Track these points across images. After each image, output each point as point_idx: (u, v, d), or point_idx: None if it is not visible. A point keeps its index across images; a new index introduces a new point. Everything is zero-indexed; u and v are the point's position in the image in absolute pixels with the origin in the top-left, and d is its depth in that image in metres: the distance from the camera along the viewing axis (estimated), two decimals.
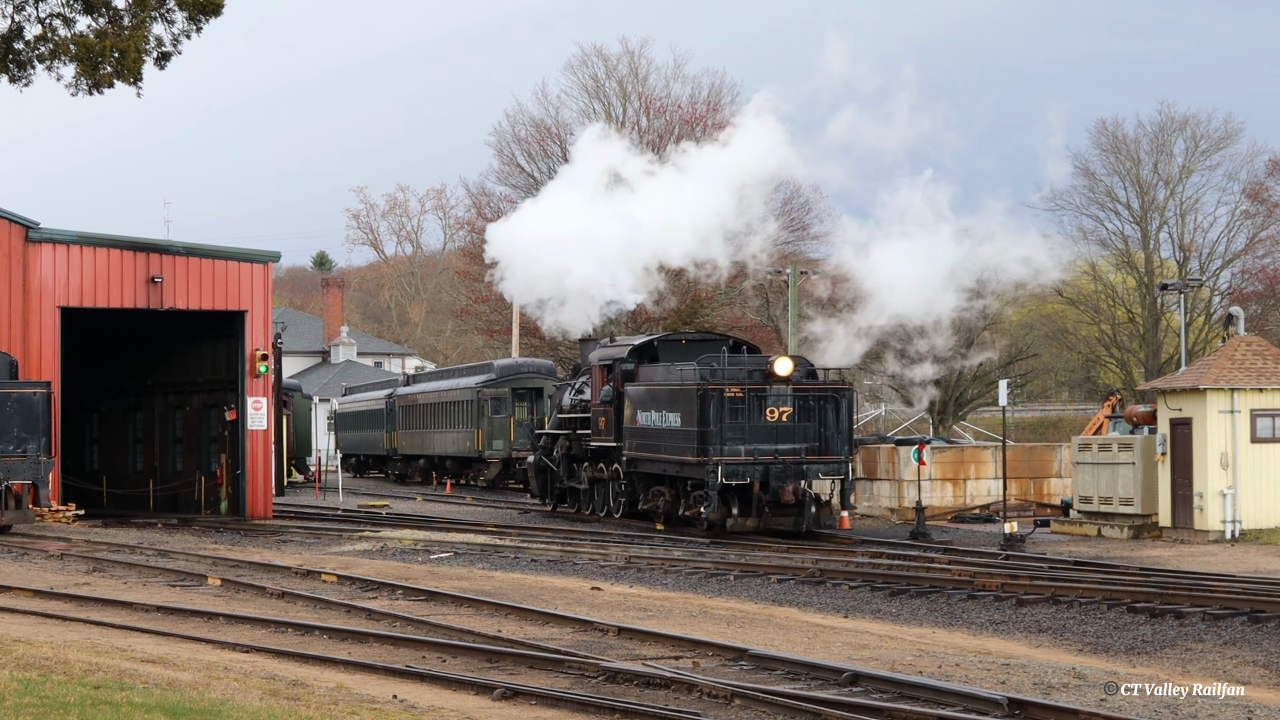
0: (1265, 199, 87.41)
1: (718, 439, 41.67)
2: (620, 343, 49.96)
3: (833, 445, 42.29)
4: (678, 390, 43.43)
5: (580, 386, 51.84)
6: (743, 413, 41.98)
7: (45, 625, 24.23)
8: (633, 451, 46.42)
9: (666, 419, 43.92)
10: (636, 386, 46.34)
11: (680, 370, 43.84)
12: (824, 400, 42.50)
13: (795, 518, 42.02)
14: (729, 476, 41.46)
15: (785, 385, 42.16)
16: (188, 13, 42.63)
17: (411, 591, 28.17)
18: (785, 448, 41.95)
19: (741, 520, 42.21)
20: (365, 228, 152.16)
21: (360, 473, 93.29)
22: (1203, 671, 21.77)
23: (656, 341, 48.31)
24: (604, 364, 48.57)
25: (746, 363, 43.44)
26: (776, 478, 41.44)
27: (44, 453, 43.61)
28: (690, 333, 50.74)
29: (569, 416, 52.08)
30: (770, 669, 19.62)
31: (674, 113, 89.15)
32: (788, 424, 42.17)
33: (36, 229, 50.34)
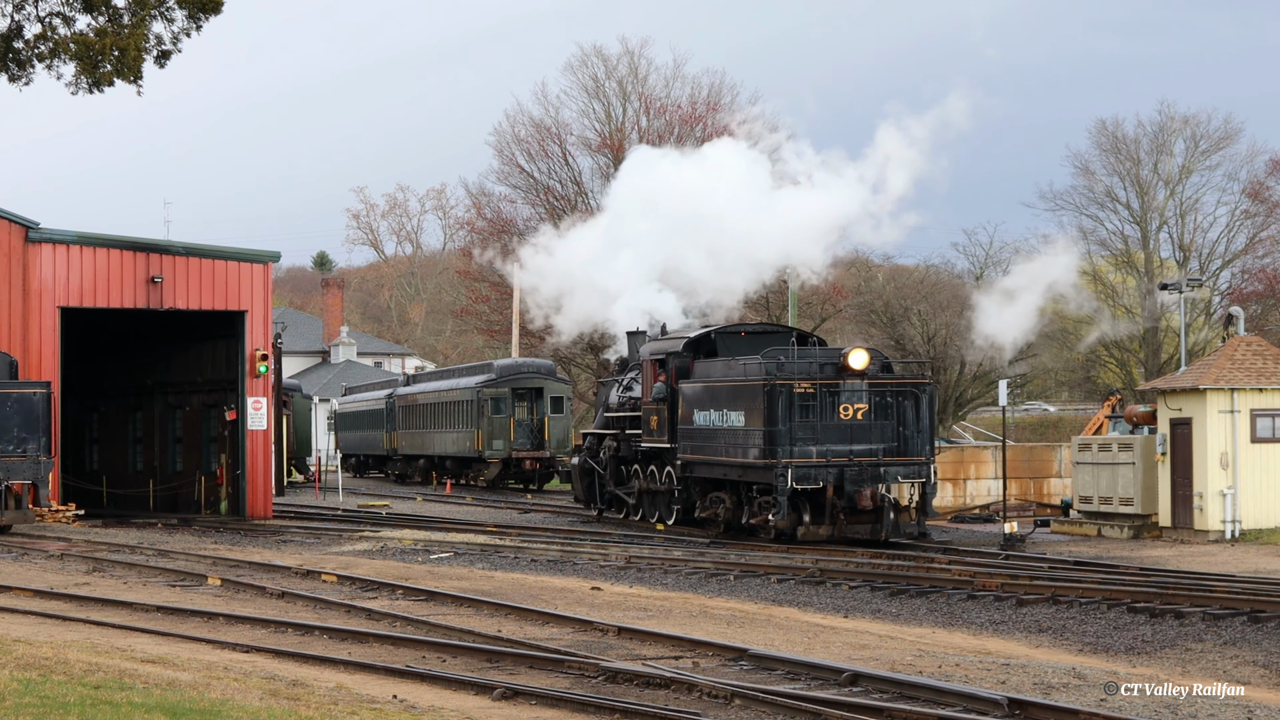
0: (1265, 199, 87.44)
1: (787, 439, 38.55)
2: (673, 335, 46.56)
3: (912, 445, 39.20)
4: (741, 386, 40.18)
5: (629, 383, 48.52)
6: (814, 410, 38.80)
7: (45, 625, 24.23)
8: (689, 454, 43.02)
9: (728, 418, 40.67)
10: (693, 383, 42.92)
11: (743, 364, 40.64)
12: (902, 396, 39.36)
13: (873, 525, 38.83)
14: (800, 480, 38.32)
15: (860, 380, 39.09)
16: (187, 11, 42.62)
17: (411, 591, 28.16)
18: (861, 448, 38.85)
19: (814, 528, 38.81)
20: (365, 228, 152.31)
21: (360, 473, 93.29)
22: (1203, 671, 21.77)
23: (714, 333, 44.53)
24: (656, 358, 44.88)
25: (817, 355, 40.04)
26: (852, 481, 38.42)
27: (44, 453, 43.61)
28: (751, 324, 46.58)
29: (617, 415, 48.69)
30: (770, 669, 19.61)
31: (674, 113, 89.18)
32: (863, 422, 39.01)
33: (36, 229, 50.34)
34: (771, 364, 39.25)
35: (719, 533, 41.68)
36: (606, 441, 49.41)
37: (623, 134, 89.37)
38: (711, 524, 42.47)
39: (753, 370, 39.81)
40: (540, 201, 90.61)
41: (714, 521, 42.27)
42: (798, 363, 39.43)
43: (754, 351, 41.32)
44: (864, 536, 38.85)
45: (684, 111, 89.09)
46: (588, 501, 50.92)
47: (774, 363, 39.28)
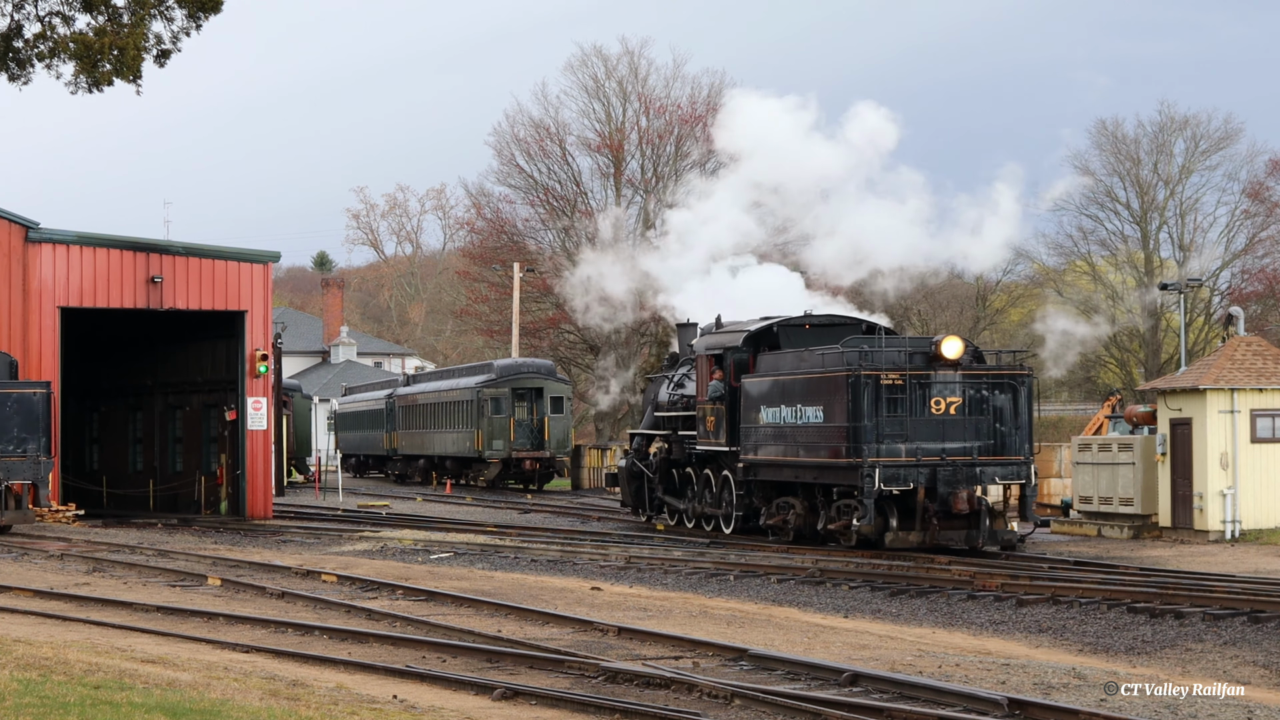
0: (1265, 199, 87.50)
1: (873, 436, 35.25)
2: (730, 328, 42.80)
3: (1010, 443, 36.02)
4: (819, 379, 36.77)
5: (680, 379, 45.33)
6: (902, 404, 35.52)
7: (45, 625, 24.23)
8: (753, 454, 39.70)
9: (803, 414, 37.26)
10: (758, 378, 39.65)
11: (821, 355, 37.27)
12: (999, 389, 36.11)
13: (968, 531, 35.85)
14: (888, 482, 35.05)
15: (953, 370, 35.83)
16: (187, 10, 42.60)
17: (411, 591, 28.17)
18: (954, 446, 35.61)
19: (903, 534, 35.53)
20: (365, 228, 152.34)
21: (360, 473, 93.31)
22: (1203, 671, 21.77)
23: (777, 326, 41.06)
24: (712, 353, 41.74)
25: (905, 344, 36.73)
26: (946, 483, 35.19)
27: (44, 453, 43.61)
28: (817, 315, 42.57)
29: (667, 415, 45.51)
30: (770, 669, 19.61)
31: (673, 113, 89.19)
32: (956, 417, 35.72)
33: (36, 229, 50.35)
34: (854, 353, 36.02)
35: (789, 541, 38.76)
36: (656, 443, 46.55)
37: (622, 134, 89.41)
38: (779, 531, 39.41)
39: (833, 361, 36.54)
40: (540, 202, 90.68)
41: (782, 529, 39.28)
42: (884, 352, 36.09)
43: (820, 345, 38.57)
44: (958, 544, 35.83)
45: (684, 112, 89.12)
46: (636, 507, 47.58)
47: (857, 352, 36.02)
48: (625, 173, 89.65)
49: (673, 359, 47.18)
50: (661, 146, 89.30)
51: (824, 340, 39.09)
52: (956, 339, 36.24)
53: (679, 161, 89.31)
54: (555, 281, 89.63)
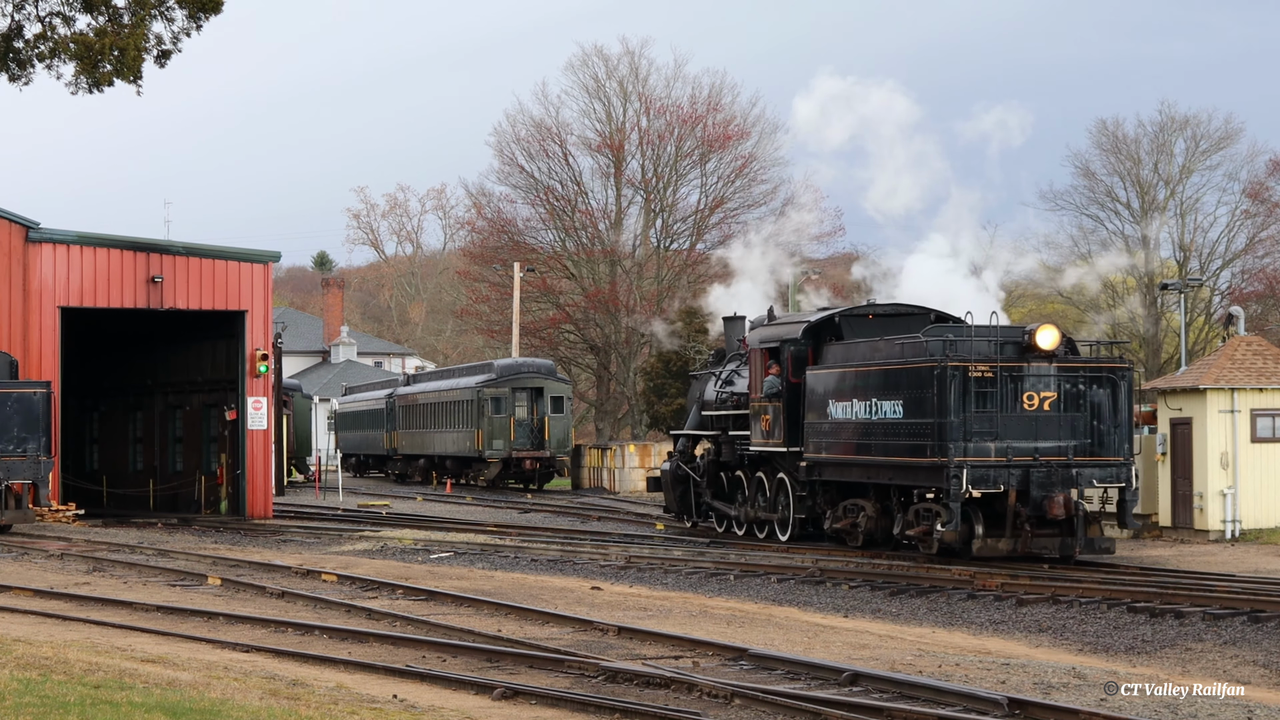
0: (1265, 199, 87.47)
1: (960, 434, 32.22)
2: (786, 319, 40.45)
3: (1108, 442, 32.96)
4: (899, 371, 33.84)
5: (728, 376, 42.57)
6: (992, 399, 32.47)
7: (45, 625, 24.23)
8: (817, 454, 36.86)
9: (878, 409, 34.25)
10: (822, 371, 36.85)
11: (900, 345, 34.37)
12: (1096, 382, 33.06)
13: (1063, 539, 32.73)
14: (976, 484, 32.04)
15: (1047, 363, 32.79)
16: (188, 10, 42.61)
17: (411, 591, 28.17)
18: (1047, 445, 32.59)
19: (992, 542, 32.62)
20: (365, 228, 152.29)
21: (360, 472, 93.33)
22: (1203, 671, 21.77)
23: (838, 316, 38.35)
24: (768, 346, 39.00)
25: (996, 333, 33.33)
26: (1040, 485, 32.08)
27: (44, 452, 43.63)
28: (881, 305, 39.70)
29: (715, 414, 42.76)
30: (770, 669, 19.61)
31: (674, 113, 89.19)
32: (1050, 414, 32.71)
33: (37, 229, 50.36)
34: (939, 343, 32.97)
35: (858, 547, 36.07)
36: (702, 444, 44.24)
37: (623, 134, 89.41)
38: (847, 537, 36.63)
39: (914, 351, 33.63)
40: (540, 201, 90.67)
41: (850, 533, 36.47)
42: (972, 341, 33.09)
43: (888, 335, 35.97)
44: (1051, 553, 32.84)
45: (684, 112, 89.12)
46: (680, 513, 45.05)
47: (942, 341, 32.97)
48: (626, 173, 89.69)
49: (718, 355, 44.84)
50: (662, 147, 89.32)
51: (889, 331, 36.43)
52: (1052, 327, 33.20)
53: (680, 162, 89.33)
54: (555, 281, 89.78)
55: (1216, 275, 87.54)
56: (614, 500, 63.08)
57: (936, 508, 32.98)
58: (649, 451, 70.29)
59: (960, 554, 33.01)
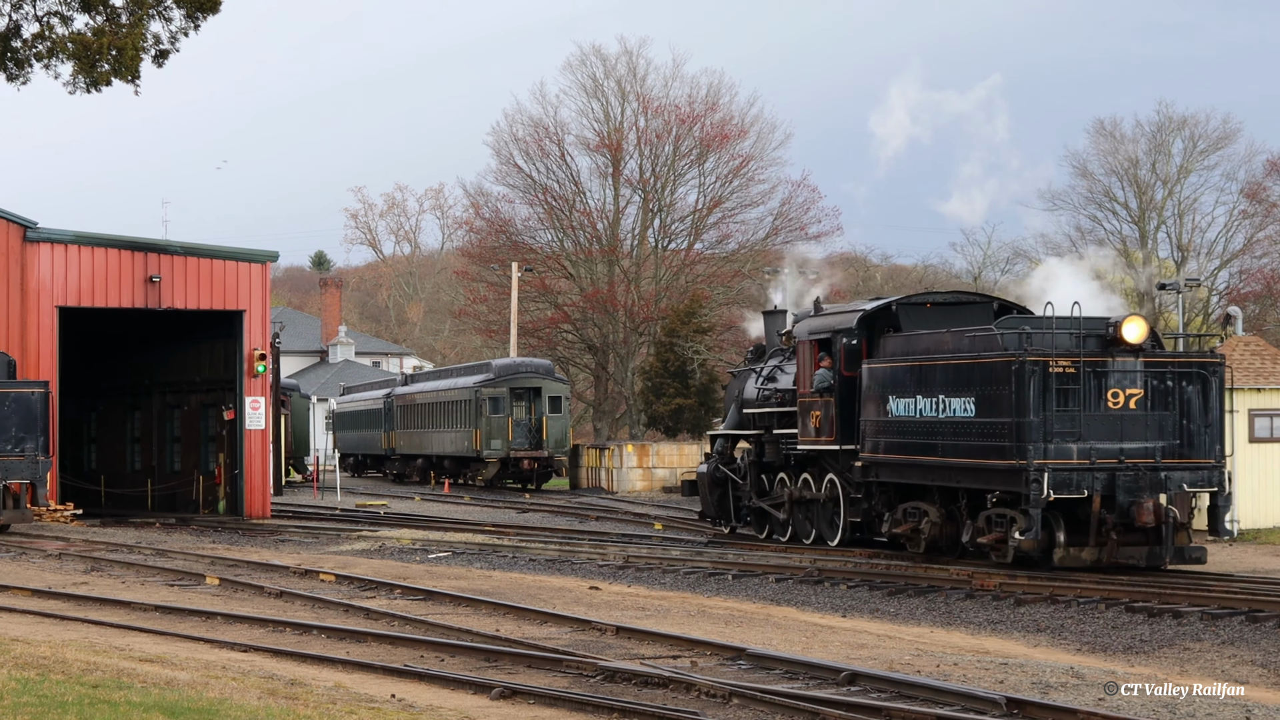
0: (1263, 199, 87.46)
1: (1039, 434, 29.90)
2: (836, 310, 38.11)
3: (1198, 443, 30.68)
4: (971, 365, 31.34)
5: (770, 372, 40.16)
6: (1074, 396, 30.10)
7: (43, 624, 24.23)
8: (874, 453, 34.57)
9: (946, 406, 31.91)
10: (881, 364, 34.45)
11: (971, 337, 31.92)
12: (1186, 379, 30.76)
13: (1151, 547, 30.43)
14: (1058, 488, 29.69)
15: (1133, 357, 30.48)
16: (185, 10, 42.60)
17: (409, 591, 28.16)
18: (1133, 447, 30.34)
19: (1075, 551, 30.44)
20: (363, 227, 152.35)
21: (358, 472, 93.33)
22: (1201, 671, 21.77)
23: (896, 305, 36.11)
24: (818, 338, 36.74)
25: (1079, 324, 30.66)
26: (1127, 490, 29.85)
27: (42, 452, 43.62)
28: (939, 293, 37.66)
29: (758, 411, 40.20)
30: (768, 668, 19.61)
31: (672, 113, 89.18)
32: (1136, 412, 30.41)
33: (35, 228, 50.34)
34: (1014, 335, 30.65)
35: (919, 553, 33.81)
36: (742, 444, 41.92)
37: (621, 134, 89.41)
38: (907, 542, 34.29)
39: (987, 343, 31.20)
40: (538, 201, 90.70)
41: (912, 539, 34.06)
42: (1051, 334, 30.75)
43: (946, 326, 33.82)
44: (1138, 562, 30.68)
45: (682, 111, 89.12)
46: (718, 517, 42.52)
47: (1018, 333, 30.64)
48: (624, 172, 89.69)
49: (758, 350, 42.30)
50: (660, 146, 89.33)
51: (949, 321, 34.44)
52: (1139, 319, 30.79)
53: (677, 161, 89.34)
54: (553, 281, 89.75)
55: (1214, 275, 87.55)
56: (612, 500, 63.08)
57: (1012, 513, 30.73)
58: (647, 451, 70.29)
59: (1039, 564, 30.92)
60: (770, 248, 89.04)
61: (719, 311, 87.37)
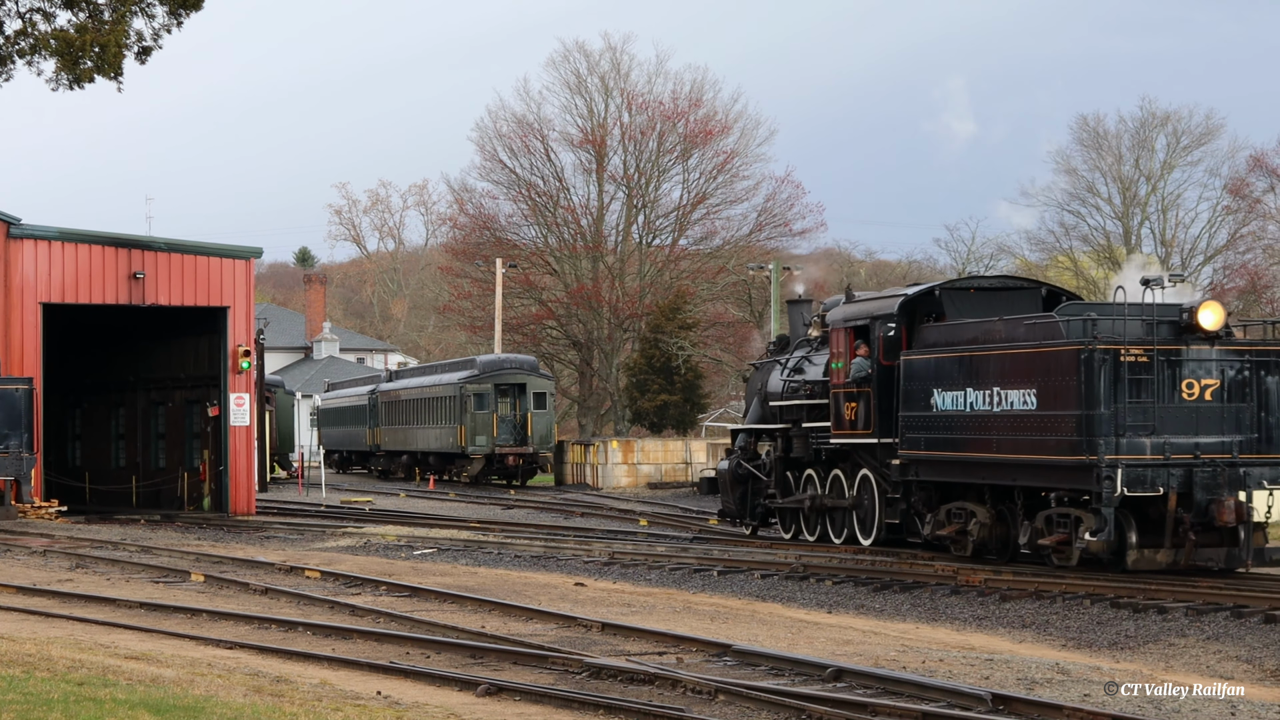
0: (1246, 195, 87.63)
1: (1111, 427, 27.84)
2: (870, 296, 36.14)
3: (1277, 437, 28.69)
4: (1030, 354, 29.32)
5: (797, 364, 37.98)
6: (1147, 387, 28.06)
7: (28, 622, 24.19)
8: (915, 450, 32.42)
9: (1002, 400, 29.72)
10: (923, 355, 32.32)
11: (1029, 325, 29.84)
12: (1264, 368, 28.68)
13: (1229, 549, 28.41)
14: (1132, 485, 27.64)
15: (1209, 345, 28.47)
16: (168, 7, 42.53)
17: (395, 588, 28.15)
18: (1209, 441, 28.23)
19: (1148, 553, 28.58)
20: (347, 223, 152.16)
21: (343, 469, 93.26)
22: (1186, 667, 21.80)
23: (939, 290, 34.04)
24: (855, 325, 34.52)
25: (1148, 311, 28.70)
26: (1204, 488, 27.78)
27: (26, 449, 43.60)
28: (984, 277, 35.73)
29: (785, 404, 37.94)
30: (754, 664, 19.61)
31: (656, 109, 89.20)
32: (1213, 404, 28.40)
33: (18, 225, 50.26)
34: (1080, 322, 28.54)
35: (966, 556, 31.87)
36: (764, 439, 39.89)
37: (605, 130, 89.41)
38: (952, 544, 32.37)
39: (1048, 331, 29.20)
40: (522, 197, 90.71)
41: (957, 541, 32.14)
42: (1120, 321, 28.73)
43: (994, 313, 31.65)
44: (1216, 564, 28.78)
45: (666, 108, 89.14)
46: (739, 516, 40.33)
47: (1084, 320, 28.50)
48: (608, 168, 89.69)
49: (781, 342, 40.36)
50: (644, 142, 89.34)
51: (996, 307, 32.44)
52: (1216, 305, 28.73)
53: (661, 158, 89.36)
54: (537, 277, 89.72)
55: (1198, 271, 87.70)
56: (597, 496, 63.09)
57: (1077, 513, 28.66)
58: (632, 448, 70.29)
59: (1109, 566, 29.07)
60: (754, 244, 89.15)
61: (703, 307, 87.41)
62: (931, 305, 33.56)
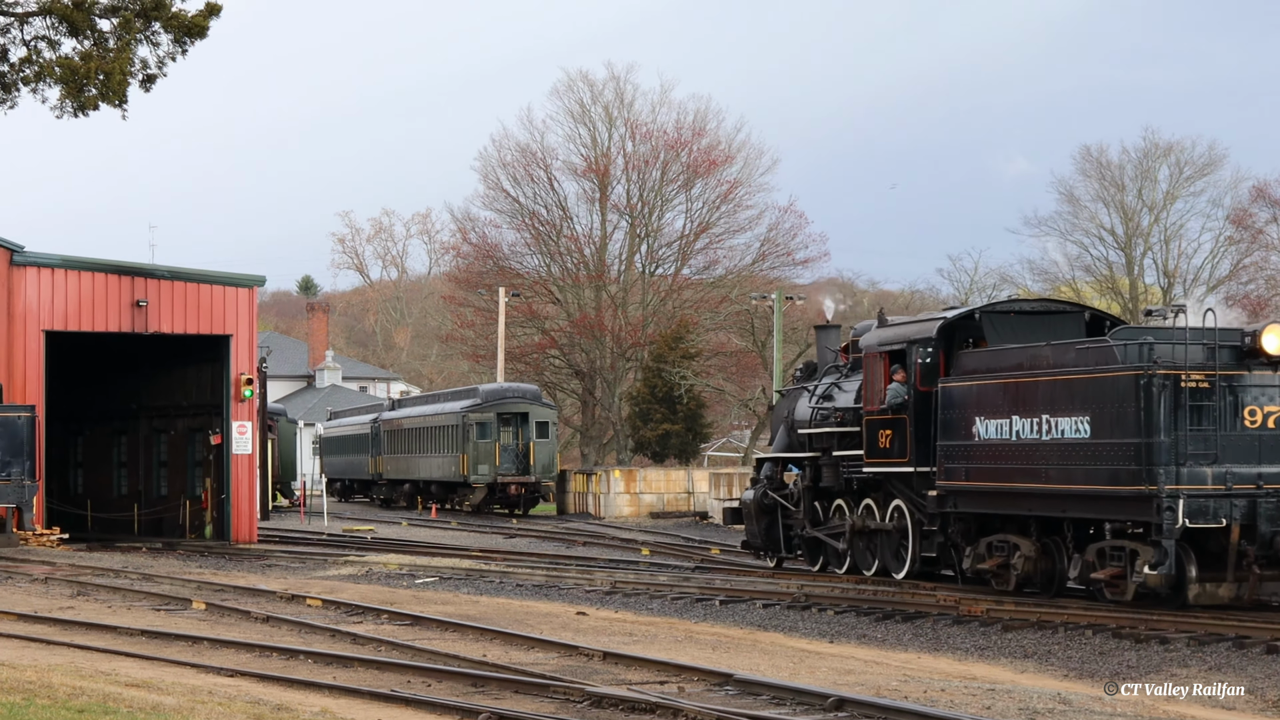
0: (1249, 225, 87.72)
1: (1171, 456, 26.72)
2: (907, 320, 35.31)
3: None
4: (1083, 380, 28.13)
5: (827, 390, 36.73)
6: (1208, 415, 27.01)
7: (29, 649, 24.18)
8: (954, 480, 31.19)
9: (1052, 428, 28.56)
10: (963, 382, 31.21)
11: (1080, 350, 28.71)
12: None
13: None
14: (1194, 516, 26.60)
15: (1273, 371, 27.38)
16: (173, 35, 42.72)
17: (396, 616, 28.13)
18: (1272, 471, 27.10)
19: (1210, 587, 27.40)
20: (350, 252, 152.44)
21: (345, 497, 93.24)
22: (1188, 699, 21.77)
23: (979, 313, 32.67)
24: (890, 349, 33.28)
25: (1208, 335, 27.48)
26: (1269, 519, 26.73)
27: (29, 477, 43.61)
28: (1027, 300, 35.06)
29: (814, 432, 36.65)
30: (755, 694, 19.60)
31: (659, 138, 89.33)
32: (1276, 432, 27.31)
33: (21, 252, 50.30)
34: (1137, 346, 27.38)
35: (1008, 590, 30.71)
36: (790, 469, 38.44)
37: (608, 159, 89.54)
38: (994, 579, 31.18)
39: (1101, 356, 28.04)
40: (525, 226, 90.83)
41: (999, 575, 30.97)
42: (1180, 346, 27.38)
43: (1036, 337, 30.85)
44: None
45: (669, 137, 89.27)
46: (766, 547, 38.74)
47: (1140, 345, 27.35)
48: (611, 198, 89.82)
49: (808, 369, 39.05)
50: (647, 172, 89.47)
51: (1039, 331, 31.47)
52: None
53: (665, 187, 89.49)
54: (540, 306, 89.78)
55: (1201, 302, 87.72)
56: (599, 525, 63.06)
57: (1132, 546, 27.74)
58: (634, 477, 70.28)
59: (1167, 602, 27.93)
60: (757, 273, 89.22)
61: (706, 337, 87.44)
62: (971, 329, 32.46)
